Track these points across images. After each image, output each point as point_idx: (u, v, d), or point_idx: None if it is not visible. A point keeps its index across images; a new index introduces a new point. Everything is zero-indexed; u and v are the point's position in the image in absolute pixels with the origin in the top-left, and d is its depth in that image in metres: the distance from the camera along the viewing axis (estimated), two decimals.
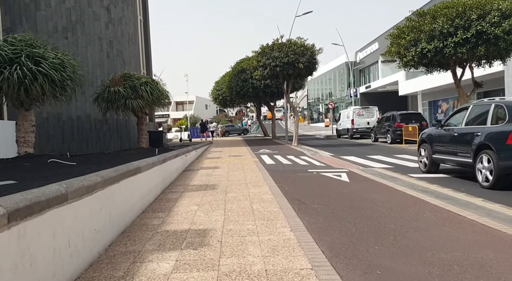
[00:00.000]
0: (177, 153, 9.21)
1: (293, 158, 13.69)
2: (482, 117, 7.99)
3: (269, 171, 9.86)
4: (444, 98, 31.61)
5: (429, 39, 16.60)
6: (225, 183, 7.96)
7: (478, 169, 7.61)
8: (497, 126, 7.41)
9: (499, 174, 7.03)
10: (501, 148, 7.06)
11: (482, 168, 7.51)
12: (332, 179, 8.30)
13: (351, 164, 11.58)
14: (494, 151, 7.17)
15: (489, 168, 7.27)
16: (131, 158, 11.19)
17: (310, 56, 19.78)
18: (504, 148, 7.01)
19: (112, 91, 14.74)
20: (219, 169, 10.56)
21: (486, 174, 7.35)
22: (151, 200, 6.04)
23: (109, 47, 18.37)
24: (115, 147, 18.35)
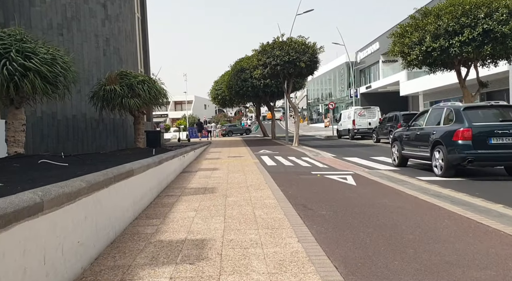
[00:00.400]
0: (174, 154, 8.79)
1: (295, 159, 13.27)
2: (437, 119, 9.69)
3: (270, 172, 9.44)
4: (446, 99, 31.17)
5: (434, 38, 16.20)
6: (224, 185, 7.53)
7: (433, 161, 9.30)
8: (447, 126, 9.13)
9: (448, 165, 8.77)
10: (449, 144, 8.75)
11: (436, 160, 9.20)
12: (337, 182, 7.88)
13: (355, 166, 11.17)
14: (444, 146, 8.84)
15: (442, 160, 8.94)
16: (127, 158, 10.76)
17: (312, 54, 19.37)
18: (451, 143, 8.70)
19: (108, 90, 14.30)
20: (218, 170, 10.14)
21: (439, 165, 9.05)
22: (145, 205, 5.61)
23: (106, 45, 17.95)
24: (112, 146, 17.93)
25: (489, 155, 8.46)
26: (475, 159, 8.41)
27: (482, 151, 8.41)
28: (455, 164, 8.69)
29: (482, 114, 9.10)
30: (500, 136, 8.41)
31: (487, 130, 8.53)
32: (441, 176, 8.85)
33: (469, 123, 8.61)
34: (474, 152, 8.41)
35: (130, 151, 14.64)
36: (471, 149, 8.43)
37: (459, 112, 8.96)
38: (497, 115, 9.02)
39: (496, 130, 8.46)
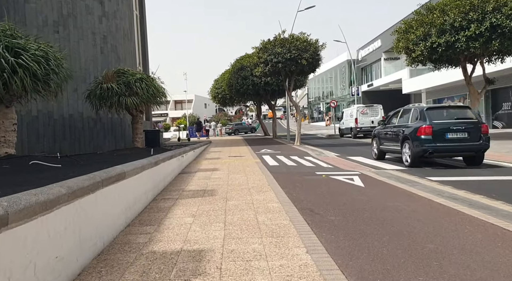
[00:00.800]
0: (172, 154, 8.38)
1: (297, 158, 12.86)
2: (407, 118, 11.22)
3: (273, 173, 9.03)
4: (450, 96, 30.79)
5: (439, 33, 15.77)
6: (225, 187, 7.12)
7: (403, 153, 10.86)
8: (413, 124, 10.63)
9: (414, 157, 10.30)
10: (414, 139, 10.26)
11: (404, 153, 10.77)
12: (344, 183, 7.46)
13: (360, 165, 10.75)
14: (411, 141, 10.36)
15: (408, 152, 10.50)
16: (124, 158, 10.36)
17: (313, 52, 18.94)
18: (416, 138, 10.22)
19: (104, 88, 13.91)
20: (218, 171, 9.72)
21: (407, 156, 10.60)
22: (139, 210, 5.20)
23: (103, 43, 17.55)
24: (109, 146, 17.55)
25: (446, 148, 10.07)
26: (434, 151, 10.02)
27: (440, 144, 10.02)
28: (419, 155, 10.23)
29: (441, 114, 10.62)
30: (455, 132, 10.05)
31: (444, 127, 10.08)
32: (409, 166, 10.40)
33: (430, 121, 10.18)
34: (434, 145, 10.00)
35: (128, 150, 14.25)
36: (432, 143, 10.01)
37: (423, 112, 10.56)
38: (453, 115, 10.59)
39: (451, 127, 10.06)
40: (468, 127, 10.07)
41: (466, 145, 9.98)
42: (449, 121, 10.20)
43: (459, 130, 10.03)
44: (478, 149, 10.05)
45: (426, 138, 10.04)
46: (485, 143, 10.05)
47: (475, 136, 10.01)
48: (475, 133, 10.04)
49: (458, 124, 10.10)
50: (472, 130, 10.05)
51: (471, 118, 10.43)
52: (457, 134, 10.04)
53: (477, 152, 10.12)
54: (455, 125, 10.08)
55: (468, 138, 10.01)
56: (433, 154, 10.09)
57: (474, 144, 9.99)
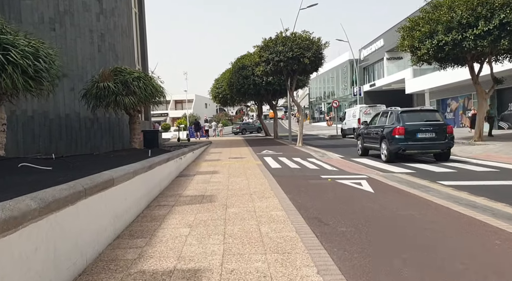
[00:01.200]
0: (169, 156, 7.93)
1: (300, 160, 12.40)
2: (385, 120, 12.83)
3: (275, 176, 8.57)
4: (454, 97, 30.31)
5: (446, 31, 15.30)
6: (224, 193, 6.66)
7: (381, 150, 12.37)
8: (390, 125, 12.19)
9: (389, 153, 11.85)
10: (390, 138, 11.82)
11: (382, 150, 12.29)
12: (352, 188, 7.00)
13: (366, 168, 10.29)
14: (387, 140, 11.91)
15: (385, 150, 12.03)
16: (120, 160, 9.92)
17: (316, 50, 18.47)
18: (391, 137, 11.78)
19: (101, 87, 13.46)
20: (218, 174, 9.27)
21: (384, 153, 12.12)
22: (130, 219, 4.75)
23: (101, 40, 17.12)
24: (107, 147, 17.12)
25: (416, 146, 11.61)
26: (406, 148, 11.62)
27: (411, 142, 11.55)
28: (394, 152, 11.77)
29: (413, 116, 12.07)
30: (424, 132, 11.56)
31: (415, 128, 11.58)
32: (386, 161, 11.92)
33: (403, 123, 11.75)
34: (406, 143, 11.55)
35: (125, 152, 13.80)
36: (404, 141, 11.55)
37: (398, 114, 12.16)
38: (423, 117, 12.07)
39: (421, 128, 11.58)
40: (436, 128, 11.62)
41: (433, 143, 11.58)
42: (419, 123, 11.73)
43: (428, 131, 11.60)
44: (444, 146, 11.65)
45: (400, 138, 11.64)
46: (450, 141, 11.64)
47: (441, 136, 11.58)
48: (442, 133, 11.59)
49: (427, 125, 11.66)
50: (438, 131, 11.57)
51: (439, 120, 12.09)
52: (426, 134, 11.60)
53: (443, 149, 11.71)
54: (424, 127, 11.62)
55: (436, 137, 11.58)
56: (405, 151, 11.76)
57: (441, 142, 11.55)
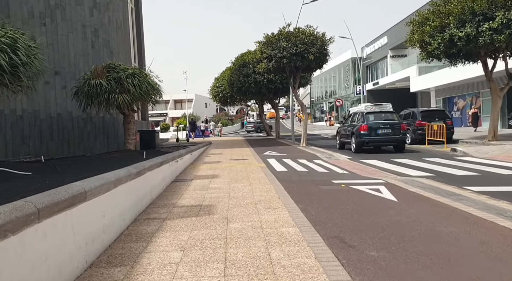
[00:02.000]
0: (163, 160, 7.07)
1: (306, 162, 11.54)
2: (355, 119, 15.59)
3: (282, 181, 7.71)
4: (461, 95, 29.42)
5: (459, 25, 14.43)
6: (225, 202, 5.81)
7: (351, 144, 15.27)
8: (357, 123, 15.01)
9: (356, 145, 14.81)
10: (357, 134, 14.69)
11: (352, 143, 15.18)
12: (371, 195, 6.14)
13: (380, 171, 9.44)
14: (355, 135, 14.83)
15: (354, 143, 14.97)
16: (112, 163, 9.10)
17: (321, 46, 17.60)
18: (358, 133, 14.66)
19: (93, 85, 12.63)
20: (218, 178, 8.41)
21: (353, 146, 15.03)
22: (109, 240, 3.88)
23: (94, 36, 16.28)
24: (101, 148, 16.29)
25: (377, 139, 14.60)
26: (369, 141, 14.60)
27: (373, 137, 14.55)
28: (360, 145, 14.82)
29: (375, 116, 15.10)
30: (383, 129, 14.57)
31: (376, 126, 14.59)
32: (354, 152, 14.88)
33: (367, 122, 14.73)
34: (369, 137, 14.53)
35: (119, 153, 12.97)
36: (367, 136, 14.51)
37: (363, 115, 15.18)
38: (383, 117, 15.16)
39: (380, 125, 14.60)
40: (392, 126, 14.70)
41: (390, 137, 14.69)
42: (379, 122, 14.79)
43: (386, 128, 14.63)
44: (398, 140, 14.83)
45: (364, 133, 14.59)
46: (403, 136, 14.94)
47: (397, 132, 14.69)
48: (397, 130, 14.69)
49: (385, 124, 14.74)
50: (394, 128, 14.66)
51: (395, 120, 15.18)
52: (384, 130, 14.62)
53: (398, 142, 14.89)
54: (383, 125, 14.70)
55: (392, 133, 14.65)
56: (368, 144, 14.79)
57: (396, 136, 14.69)
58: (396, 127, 14.64)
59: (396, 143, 14.82)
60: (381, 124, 14.60)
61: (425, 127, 17.27)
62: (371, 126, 14.47)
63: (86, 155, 13.89)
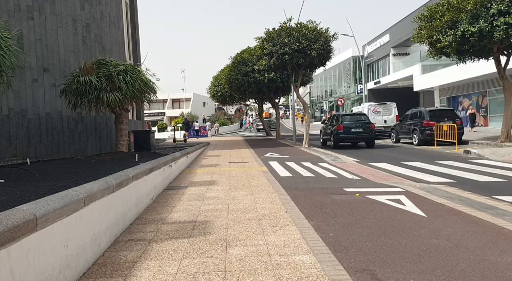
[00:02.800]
0: (153, 166, 6.21)
1: (311, 165, 10.70)
2: (335, 120, 18.44)
3: (287, 189, 6.86)
4: (466, 94, 28.62)
5: (472, 20, 13.60)
6: (224, 216, 4.96)
7: (331, 140, 18.27)
8: (335, 124, 17.99)
9: (334, 142, 17.84)
10: (335, 132, 17.66)
11: (331, 140, 18.16)
12: (393, 208, 5.30)
13: (392, 176, 8.62)
14: (334, 134, 17.76)
15: (332, 140, 18.01)
16: (100, 167, 8.26)
17: (324, 42, 16.75)
18: (336, 132, 17.64)
19: (81, 82, 11.75)
20: (215, 185, 7.56)
21: (332, 142, 18.14)
22: (75, 276, 3.03)
23: (86, 31, 15.43)
24: (93, 150, 15.44)
25: (351, 136, 17.53)
26: (345, 138, 17.39)
27: (348, 135, 17.37)
28: (338, 141, 17.68)
29: (350, 118, 18.19)
30: (356, 128, 17.38)
31: (350, 126, 17.39)
32: (333, 147, 17.41)
33: (342, 122, 17.52)
34: (344, 135, 17.31)
35: (110, 156, 12.09)
36: (343, 134, 17.25)
37: (340, 116, 18.17)
38: (356, 118, 18.18)
39: (353, 125, 17.39)
40: (363, 126, 17.59)
41: (362, 135, 17.64)
42: (353, 122, 17.73)
43: (358, 127, 17.48)
44: (368, 137, 17.76)
45: (340, 132, 17.41)
46: (373, 134, 17.80)
47: (367, 131, 17.58)
48: (367, 129, 17.58)
49: (358, 124, 17.63)
50: (365, 127, 17.50)
51: (366, 120, 18.02)
52: (357, 129, 17.46)
53: (368, 139, 17.83)
54: (356, 125, 17.59)
55: (363, 131, 17.55)
56: (344, 140, 17.71)
57: (366, 134, 17.59)
58: (366, 127, 17.65)
59: (367, 140, 17.91)
60: (354, 124, 17.58)
61: (433, 127, 16.45)
62: (346, 126, 17.39)
63: (74, 157, 13.03)
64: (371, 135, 17.57)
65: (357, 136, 17.59)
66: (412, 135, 17.93)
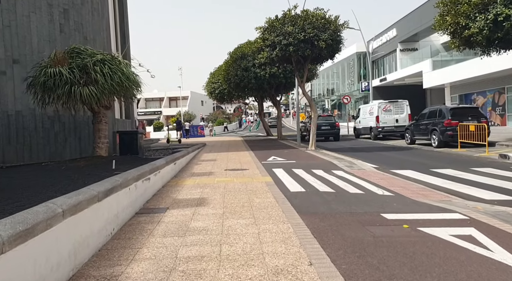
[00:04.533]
0: (113, 185, 4.32)
1: (325, 174, 8.84)
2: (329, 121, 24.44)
3: (303, 214, 5.00)
4: (481, 91, 26.75)
5: (506, 1, 11.75)
6: (214, 267, 3.11)
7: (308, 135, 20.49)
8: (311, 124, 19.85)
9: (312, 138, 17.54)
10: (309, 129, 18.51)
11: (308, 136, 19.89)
12: (471, 254, 3.43)
13: (431, 191, 6.78)
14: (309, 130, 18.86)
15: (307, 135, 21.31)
16: (65, 178, 6.45)
17: (334, 31, 14.86)
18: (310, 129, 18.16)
19: (50, 74, 9.89)
20: (206, 206, 5.68)
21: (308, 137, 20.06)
22: None
23: (63, 18, 13.58)
24: (73, 152, 13.64)
25: (322, 132, 22.34)
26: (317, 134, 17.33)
27: (319, 131, 20.85)
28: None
29: (321, 119, 23.11)
30: (325, 126, 23.13)
31: (321, 124, 22.07)
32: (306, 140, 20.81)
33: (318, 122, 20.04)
34: (318, 131, 18.89)
35: (85, 161, 10.22)
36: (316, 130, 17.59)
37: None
38: (326, 119, 24.29)
39: (323, 124, 22.99)
40: (330, 124, 23.38)
41: (330, 131, 23.27)
42: (323, 122, 23.02)
43: (326, 126, 23.11)
44: (334, 133, 23.45)
45: None
46: (337, 131, 23.55)
47: (333, 128, 23.38)
48: (333, 127, 23.38)
49: (326, 123, 23.32)
50: (332, 125, 23.18)
51: (332, 121, 23.90)
52: (325, 127, 23.07)
53: (334, 134, 23.48)
54: (324, 124, 23.12)
55: (330, 128, 23.23)
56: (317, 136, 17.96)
57: (333, 130, 23.23)
58: (333, 125, 23.50)
59: (334, 135, 23.60)
60: (324, 123, 23.05)
61: (456, 127, 14.59)
62: (319, 125, 20.87)
63: (43, 163, 11.16)
64: (336, 132, 23.63)
65: (326, 133, 23.25)
66: (430, 136, 16.06)
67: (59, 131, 13.20)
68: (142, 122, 40.22)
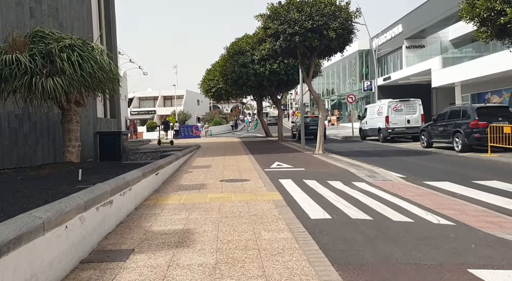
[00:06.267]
0: (28, 228, 2.50)
1: (345, 188, 7.01)
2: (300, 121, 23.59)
3: (341, 268, 3.16)
4: (496, 90, 25.00)
5: None
6: None
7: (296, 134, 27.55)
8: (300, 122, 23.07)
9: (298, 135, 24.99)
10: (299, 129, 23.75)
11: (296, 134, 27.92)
12: None
13: (507, 218, 4.98)
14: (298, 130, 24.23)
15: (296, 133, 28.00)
16: (10, 191, 4.64)
17: (345, 20, 13.05)
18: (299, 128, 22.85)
19: (5, 62, 8.01)
20: (191, 248, 3.82)
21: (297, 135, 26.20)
22: None
23: (34, 1, 11.71)
24: (45, 156, 11.77)
25: (309, 132, 23.08)
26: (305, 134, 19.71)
27: (308, 130, 21.94)
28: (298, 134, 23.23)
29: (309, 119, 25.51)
30: (312, 126, 23.39)
31: (309, 124, 23.67)
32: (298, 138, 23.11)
33: (304, 121, 20.74)
34: (306, 131, 20.16)
35: (49, 169, 8.32)
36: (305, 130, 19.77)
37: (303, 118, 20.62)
38: (314, 119, 24.67)
39: (311, 124, 24.04)
40: (316, 124, 20.07)
41: (315, 130, 19.19)
42: (311, 122, 24.42)
43: (313, 125, 23.05)
44: None
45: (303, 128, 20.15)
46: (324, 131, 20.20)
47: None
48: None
49: (314, 123, 22.82)
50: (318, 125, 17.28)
51: (317, 121, 18.61)
52: (312, 126, 23.06)
53: None
54: (311, 123, 23.96)
55: (315, 128, 19.42)
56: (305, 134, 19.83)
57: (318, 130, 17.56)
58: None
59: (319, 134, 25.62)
60: (311, 123, 23.96)
61: (485, 129, 12.80)
62: (307, 124, 21.99)
63: (2, 169, 9.27)
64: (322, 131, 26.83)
65: (312, 132, 22.96)
66: (452, 139, 14.27)
67: (29, 132, 11.32)
68: (134, 122, 38.24)
